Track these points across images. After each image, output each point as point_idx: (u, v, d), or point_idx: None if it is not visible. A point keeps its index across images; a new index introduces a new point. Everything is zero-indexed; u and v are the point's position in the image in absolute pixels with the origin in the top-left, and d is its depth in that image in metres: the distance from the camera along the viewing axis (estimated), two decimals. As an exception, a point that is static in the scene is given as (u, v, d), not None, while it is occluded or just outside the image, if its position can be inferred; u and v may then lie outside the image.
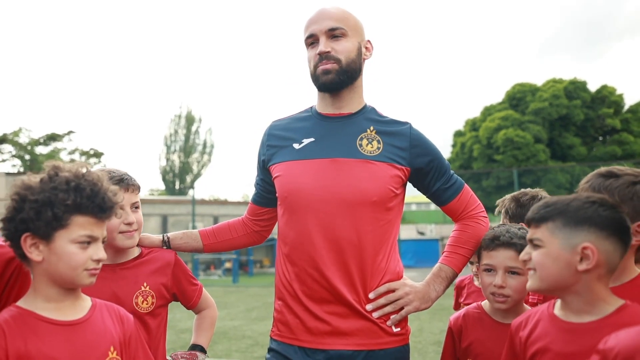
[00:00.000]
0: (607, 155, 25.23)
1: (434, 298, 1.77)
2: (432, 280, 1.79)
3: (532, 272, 1.36)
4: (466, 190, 1.87)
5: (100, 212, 1.36)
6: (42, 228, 1.30)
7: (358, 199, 1.68)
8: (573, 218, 1.31)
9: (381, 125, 1.79)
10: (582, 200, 1.33)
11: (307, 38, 1.79)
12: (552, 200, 1.36)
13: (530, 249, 1.38)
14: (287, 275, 1.75)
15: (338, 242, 1.68)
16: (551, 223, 1.32)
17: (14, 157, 36.93)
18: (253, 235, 2.02)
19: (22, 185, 1.35)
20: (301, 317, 1.71)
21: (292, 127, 1.85)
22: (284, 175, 1.78)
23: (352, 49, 1.76)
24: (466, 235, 1.84)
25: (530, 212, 1.39)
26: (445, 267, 1.82)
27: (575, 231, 1.30)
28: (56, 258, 1.32)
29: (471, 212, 1.86)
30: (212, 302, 2.03)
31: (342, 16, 1.78)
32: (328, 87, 1.76)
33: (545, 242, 1.33)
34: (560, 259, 1.31)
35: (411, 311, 1.73)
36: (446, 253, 1.86)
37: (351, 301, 1.67)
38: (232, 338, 7.68)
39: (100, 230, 1.38)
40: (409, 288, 1.74)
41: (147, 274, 1.84)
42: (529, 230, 1.39)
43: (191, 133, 47.03)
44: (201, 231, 2.00)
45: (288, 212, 1.77)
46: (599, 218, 1.30)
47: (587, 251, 1.29)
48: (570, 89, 25.89)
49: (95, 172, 1.42)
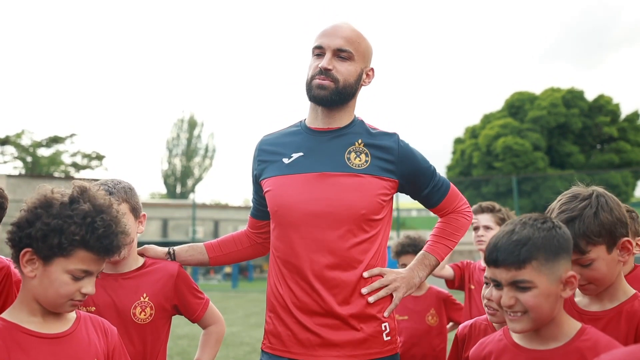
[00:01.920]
0: (604, 163, 25.39)
1: (417, 283, 1.84)
2: (416, 266, 1.86)
3: (520, 314, 1.31)
4: (452, 190, 1.93)
5: (104, 253, 1.36)
6: (45, 251, 1.31)
7: (346, 212, 1.72)
8: (552, 250, 1.29)
9: (369, 137, 1.82)
10: (544, 228, 1.32)
11: (315, 48, 1.82)
12: (522, 237, 1.30)
13: (512, 292, 1.30)
14: (278, 288, 1.79)
15: (327, 255, 1.71)
16: (535, 262, 1.28)
17: (16, 159, 37.03)
18: (257, 247, 2.05)
19: (43, 200, 1.34)
20: (292, 329, 1.73)
21: (281, 141, 1.89)
22: (274, 189, 1.82)
23: (352, 74, 1.80)
24: (451, 228, 1.91)
25: (501, 253, 1.31)
26: (429, 255, 1.88)
27: (556, 262, 1.30)
28: (48, 282, 1.33)
29: (458, 207, 1.93)
30: (219, 317, 2.00)
31: (354, 39, 1.81)
32: (318, 101, 1.81)
33: (536, 283, 1.28)
34: (551, 294, 1.30)
35: (400, 297, 1.78)
36: (430, 242, 1.92)
37: (341, 313, 1.70)
38: (230, 344, 7.65)
39: (98, 267, 1.38)
40: (396, 274, 1.81)
41: (147, 285, 1.82)
42: (502, 272, 1.31)
43: (193, 137, 47.14)
44: (207, 244, 2.02)
45: (279, 226, 1.81)
46: (567, 243, 1.33)
47: (572, 278, 1.32)
48: (568, 98, 26.08)
49: (115, 210, 1.41)
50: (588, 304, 1.54)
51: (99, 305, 1.75)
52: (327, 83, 1.77)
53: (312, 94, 1.81)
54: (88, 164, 38.46)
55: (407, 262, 2.99)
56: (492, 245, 1.34)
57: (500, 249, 1.31)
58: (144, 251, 1.95)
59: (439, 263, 1.91)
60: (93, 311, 1.72)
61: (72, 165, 38.32)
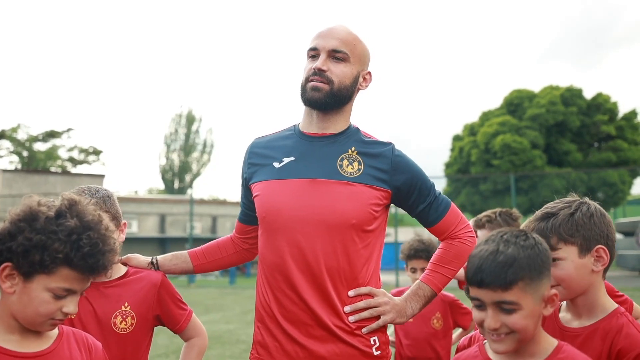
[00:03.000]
0: (602, 162, 25.45)
1: (410, 315, 1.76)
2: (410, 297, 1.78)
3: (504, 335, 1.28)
4: (452, 211, 1.82)
5: (89, 272, 1.29)
6: (25, 267, 1.24)
7: (336, 220, 1.66)
8: (536, 269, 1.28)
9: (363, 146, 1.77)
10: (527, 246, 1.30)
11: (310, 50, 1.78)
12: (508, 258, 1.27)
13: (497, 314, 1.27)
14: (266, 297, 1.74)
15: (316, 265, 1.66)
16: (521, 283, 1.26)
17: (12, 154, 36.94)
18: (243, 253, 2.00)
19: (28, 213, 1.27)
20: (280, 340, 1.69)
21: (273, 145, 1.84)
22: (263, 194, 1.76)
23: (348, 75, 1.75)
24: (450, 255, 1.80)
25: (487, 275, 1.26)
26: (425, 285, 1.79)
27: (540, 282, 1.29)
28: (27, 299, 1.26)
29: (458, 232, 1.82)
30: (202, 330, 1.95)
31: (350, 41, 1.76)
32: (312, 104, 1.75)
33: (522, 304, 1.26)
34: (535, 314, 1.29)
35: (387, 321, 1.71)
36: (427, 271, 1.82)
37: (330, 325, 1.66)
38: (226, 342, 7.61)
39: (82, 285, 1.31)
40: (388, 299, 1.73)
41: (130, 294, 1.78)
42: (488, 293, 1.27)
43: (191, 132, 47.13)
44: (190, 252, 1.98)
45: (266, 232, 1.75)
46: (548, 259, 1.33)
47: (554, 296, 1.32)
48: (567, 96, 26.09)
49: (104, 226, 1.33)
50: (570, 320, 1.52)
51: (79, 313, 1.70)
52: (322, 85, 1.72)
53: (306, 96, 1.76)
54: (85, 159, 38.39)
55: (417, 267, 2.98)
56: (476, 266, 1.29)
57: (485, 271, 1.27)
58: (127, 260, 1.90)
59: (435, 294, 1.80)
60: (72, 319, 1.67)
61: (69, 160, 38.23)
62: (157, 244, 31.60)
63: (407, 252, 3.03)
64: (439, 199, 1.81)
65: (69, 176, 29.28)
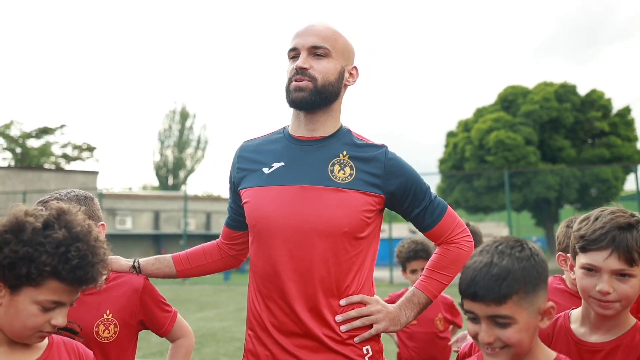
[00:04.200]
0: (595, 158, 25.58)
1: (404, 323, 1.72)
2: (405, 305, 1.73)
3: (499, 349, 1.26)
4: (449, 215, 1.77)
5: (78, 284, 1.26)
6: (12, 280, 1.21)
7: (327, 228, 1.62)
8: (532, 282, 1.24)
9: (355, 149, 1.71)
10: (522, 258, 1.27)
11: (290, 50, 1.73)
12: (502, 271, 1.24)
13: (491, 329, 1.24)
14: (257, 306, 1.71)
15: (306, 274, 1.62)
16: (516, 296, 1.22)
17: (5, 150, 36.68)
18: (228, 260, 1.96)
19: (14, 224, 1.23)
20: (271, 349, 1.66)
21: (262, 149, 1.79)
22: (252, 201, 1.72)
23: (331, 71, 1.70)
24: (445, 261, 1.75)
25: (480, 289, 1.23)
26: (419, 292, 1.74)
27: (535, 295, 1.25)
28: (14, 312, 1.23)
29: (454, 236, 1.77)
30: (188, 330, 1.92)
31: (330, 36, 1.71)
32: (297, 104, 1.70)
33: (516, 318, 1.23)
34: (531, 327, 1.26)
35: (380, 330, 1.68)
36: (422, 277, 1.77)
37: (321, 336, 1.62)
38: (220, 340, 7.60)
39: (70, 297, 1.27)
40: (381, 307, 1.69)
41: (111, 301, 1.72)
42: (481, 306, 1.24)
43: (185, 128, 46.95)
44: (174, 256, 1.93)
45: (257, 240, 1.71)
46: (545, 271, 1.29)
47: (551, 309, 1.28)
48: (561, 92, 26.20)
49: (94, 237, 1.29)
50: (585, 334, 1.47)
51: None
52: (305, 83, 1.67)
53: (290, 98, 1.70)
54: (79, 156, 38.18)
55: (417, 267, 3.00)
56: (469, 278, 1.26)
57: (479, 284, 1.23)
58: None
59: (430, 301, 1.76)
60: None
61: (63, 156, 38.03)
62: (152, 240, 31.51)
63: (405, 255, 3.03)
64: (434, 202, 1.76)
65: (62, 173, 29.12)
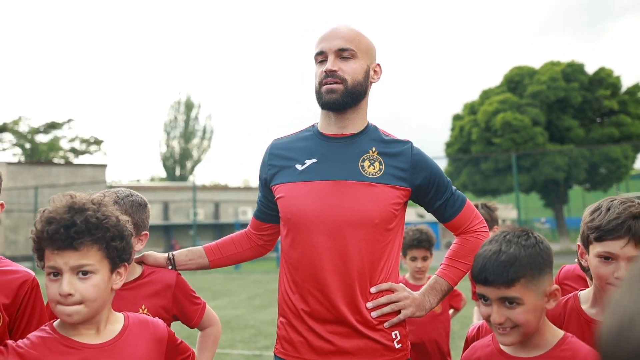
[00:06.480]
0: (604, 137, 25.33)
1: (428, 308, 1.83)
2: (428, 291, 1.85)
3: (509, 329, 1.38)
4: (468, 207, 1.89)
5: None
6: (38, 261, 1.35)
7: (361, 221, 1.72)
8: (538, 267, 1.38)
9: (383, 145, 1.82)
10: (528, 245, 1.39)
11: (317, 55, 1.82)
12: (510, 258, 1.37)
13: (502, 309, 1.38)
14: (289, 295, 1.80)
15: (342, 265, 1.72)
16: (523, 279, 1.36)
17: (14, 146, 37.01)
18: (257, 249, 2.07)
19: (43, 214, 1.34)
20: (305, 335, 1.76)
21: (293, 146, 1.88)
22: (287, 196, 1.81)
23: (359, 71, 1.79)
24: (465, 250, 1.86)
25: (491, 274, 1.37)
26: (441, 280, 1.86)
27: (541, 278, 1.38)
28: None
29: (473, 227, 1.89)
30: (216, 319, 2.04)
31: (354, 37, 1.80)
32: (331, 106, 1.79)
33: (524, 299, 1.36)
34: (538, 308, 1.38)
35: (408, 315, 1.78)
36: (443, 266, 1.89)
37: (354, 322, 1.73)
38: (235, 328, 7.73)
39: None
40: (408, 294, 1.80)
41: (146, 296, 1.81)
42: (492, 290, 1.38)
43: (190, 119, 47.02)
44: (206, 247, 2.03)
45: (292, 233, 1.81)
46: (549, 257, 1.42)
47: (556, 291, 1.41)
48: (568, 72, 25.83)
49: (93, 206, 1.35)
50: (598, 314, 1.55)
51: None
52: (336, 85, 1.76)
53: (322, 100, 1.80)
54: (87, 149, 38.45)
55: (418, 255, 3.18)
56: (480, 265, 1.41)
57: (489, 270, 1.38)
58: (143, 259, 1.93)
59: (451, 288, 1.88)
60: None
61: (71, 150, 38.32)
62: (162, 231, 31.78)
63: (409, 242, 3.15)
64: (455, 195, 1.87)
65: (72, 167, 29.35)
